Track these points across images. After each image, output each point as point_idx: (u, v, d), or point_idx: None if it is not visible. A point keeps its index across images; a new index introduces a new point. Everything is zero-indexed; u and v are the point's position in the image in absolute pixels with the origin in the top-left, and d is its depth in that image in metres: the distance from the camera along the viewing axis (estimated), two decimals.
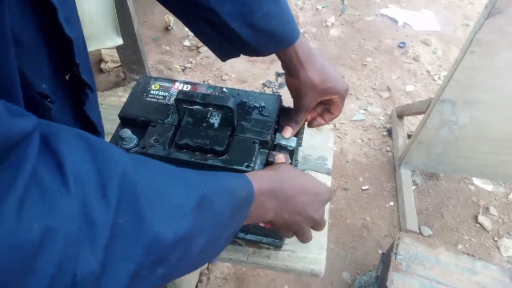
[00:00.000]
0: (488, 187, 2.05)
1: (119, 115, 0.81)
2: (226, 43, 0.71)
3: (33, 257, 0.29)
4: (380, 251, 1.78)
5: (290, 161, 0.78)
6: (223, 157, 0.74)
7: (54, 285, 0.30)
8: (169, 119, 0.79)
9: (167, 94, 0.83)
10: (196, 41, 2.71)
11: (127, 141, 0.77)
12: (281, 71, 2.54)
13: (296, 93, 0.78)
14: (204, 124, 0.77)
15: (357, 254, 1.77)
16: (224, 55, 0.77)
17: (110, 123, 0.84)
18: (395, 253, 1.40)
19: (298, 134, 0.83)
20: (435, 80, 2.50)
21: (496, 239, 1.85)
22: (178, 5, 0.68)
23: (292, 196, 0.62)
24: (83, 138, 0.38)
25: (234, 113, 0.74)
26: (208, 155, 0.74)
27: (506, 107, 1.58)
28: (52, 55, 0.50)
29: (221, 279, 1.63)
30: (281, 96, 0.84)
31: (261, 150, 0.77)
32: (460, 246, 1.82)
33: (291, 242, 0.90)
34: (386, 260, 1.48)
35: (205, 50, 2.68)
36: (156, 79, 0.86)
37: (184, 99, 0.73)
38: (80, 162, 0.35)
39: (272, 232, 0.87)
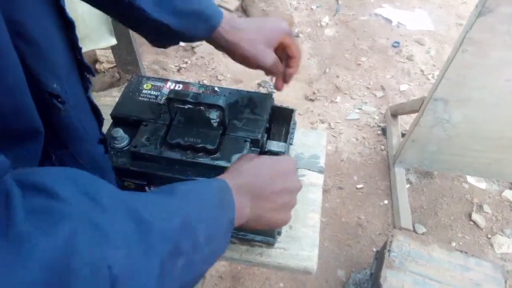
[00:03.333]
0: (482, 185, 2.07)
1: (111, 114, 0.81)
2: (159, 35, 0.70)
3: (67, 260, 0.31)
4: (374, 249, 1.79)
5: None
6: (215, 155, 0.75)
7: (96, 282, 0.32)
8: (161, 119, 0.79)
9: (159, 93, 0.84)
10: None
11: (119, 141, 0.78)
12: None
13: (248, 62, 0.77)
14: (196, 123, 0.78)
15: (351, 252, 1.78)
16: (162, 44, 0.74)
17: (104, 122, 0.84)
18: (389, 250, 1.41)
19: (288, 136, 0.84)
20: (429, 79, 2.51)
21: (489, 236, 1.87)
22: (101, 2, 0.66)
23: (262, 188, 0.58)
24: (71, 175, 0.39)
25: (225, 112, 0.74)
26: (200, 154, 0.75)
27: (498, 105, 1.60)
28: (63, 46, 0.51)
29: (216, 278, 1.64)
30: (273, 95, 0.85)
31: (253, 148, 0.78)
32: (454, 244, 1.84)
33: (283, 240, 0.91)
34: (379, 257, 1.49)
35: (200, 50, 2.68)
36: (148, 78, 0.87)
37: (175, 98, 0.73)
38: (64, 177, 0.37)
39: (265, 230, 0.88)
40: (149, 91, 0.84)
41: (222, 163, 0.73)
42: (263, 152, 0.82)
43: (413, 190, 2.02)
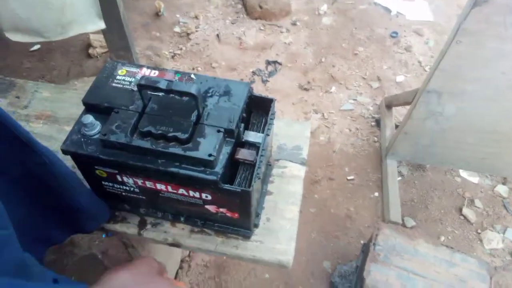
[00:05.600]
0: (475, 179, 2.05)
1: (82, 100, 0.79)
2: None
3: None
4: (362, 241, 1.78)
5: (256, 156, 0.77)
6: (186, 145, 0.73)
7: None
8: (133, 106, 0.77)
9: (133, 79, 0.82)
10: (186, 27, 2.67)
11: (89, 128, 0.75)
12: (272, 59, 2.50)
13: None
14: (169, 112, 0.76)
15: (339, 244, 1.77)
16: None
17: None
18: (374, 244, 1.40)
19: (266, 127, 0.82)
20: (426, 71, 2.47)
21: (479, 231, 1.85)
22: None
23: None
24: None
25: (199, 100, 0.72)
26: (171, 143, 0.73)
27: (493, 98, 1.57)
28: None
29: (201, 266, 1.63)
30: (250, 84, 0.82)
31: (227, 139, 0.75)
32: (442, 238, 1.83)
33: (260, 233, 0.89)
34: (365, 251, 1.48)
35: (195, 37, 2.64)
36: (123, 64, 0.84)
37: (146, 85, 0.71)
38: None
39: (241, 222, 0.86)
40: (123, 77, 0.82)
41: (193, 153, 0.71)
42: (240, 143, 0.80)
43: (404, 182, 2.00)
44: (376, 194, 1.95)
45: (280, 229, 0.90)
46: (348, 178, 1.99)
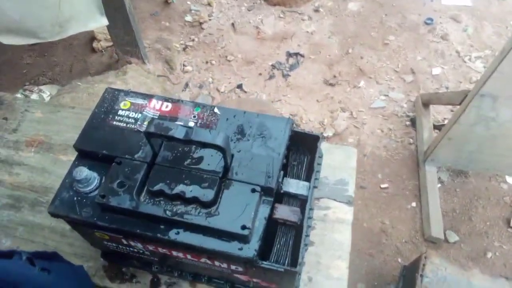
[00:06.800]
0: None
1: (74, 146, 0.61)
2: None
3: None
4: (400, 260, 1.60)
5: (301, 216, 0.58)
6: (211, 209, 0.55)
7: None
8: (140, 154, 0.59)
9: (139, 116, 0.63)
10: (199, 16, 2.46)
11: (84, 184, 0.58)
12: (293, 50, 2.29)
13: None
14: (187, 162, 0.58)
15: (374, 263, 1.59)
16: None
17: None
18: (421, 275, 1.21)
19: (313, 175, 0.63)
20: (465, 62, 2.23)
21: None
22: None
23: None
24: None
25: (227, 153, 0.53)
26: (191, 206, 0.55)
27: None
28: None
29: None
30: (292, 120, 0.63)
31: (264, 199, 0.57)
32: (489, 254, 1.63)
33: None
34: (409, 279, 1.30)
35: (208, 26, 2.43)
36: (126, 93, 0.66)
37: (157, 133, 0.53)
38: None
39: (279, 283, 0.68)
40: (126, 113, 0.63)
41: (220, 224, 0.53)
42: (279, 194, 0.62)
43: (444, 190, 1.80)
44: (414, 204, 1.75)
45: None
46: (382, 186, 1.80)
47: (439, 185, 1.80)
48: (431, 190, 1.74)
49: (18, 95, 1.65)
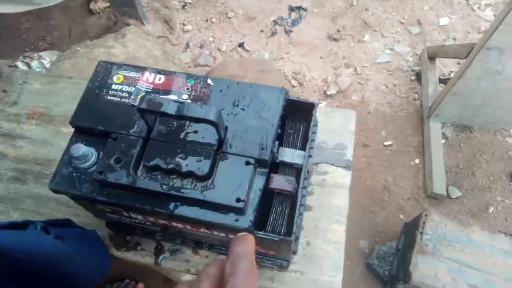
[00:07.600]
0: None
1: (70, 123, 0.61)
2: None
3: None
4: (402, 216, 1.63)
5: (296, 185, 0.59)
6: (207, 182, 0.56)
7: None
8: (135, 129, 0.59)
9: (133, 89, 0.63)
10: None
11: (82, 160, 0.59)
12: (295, 4, 2.21)
13: None
14: (181, 136, 0.58)
15: (376, 220, 1.63)
16: None
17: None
18: (421, 233, 1.24)
19: (308, 143, 0.63)
20: (474, 11, 2.14)
21: None
22: None
23: None
24: None
25: (220, 127, 0.54)
26: (187, 179, 0.56)
27: None
28: None
29: None
30: (285, 88, 0.62)
31: (259, 170, 0.58)
32: (491, 209, 1.65)
33: (299, 261, 0.75)
34: (409, 236, 1.33)
35: None
36: (119, 66, 0.65)
37: (149, 109, 0.53)
38: None
39: (277, 254, 0.71)
40: (120, 87, 0.63)
41: (216, 197, 0.54)
42: (274, 164, 0.62)
43: (448, 146, 1.80)
44: (417, 161, 1.76)
45: (323, 255, 0.75)
46: (385, 143, 1.80)
47: (443, 140, 1.80)
48: (435, 146, 1.73)
49: (19, 63, 1.64)
